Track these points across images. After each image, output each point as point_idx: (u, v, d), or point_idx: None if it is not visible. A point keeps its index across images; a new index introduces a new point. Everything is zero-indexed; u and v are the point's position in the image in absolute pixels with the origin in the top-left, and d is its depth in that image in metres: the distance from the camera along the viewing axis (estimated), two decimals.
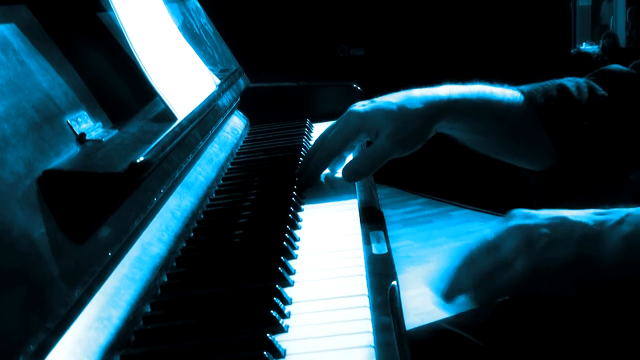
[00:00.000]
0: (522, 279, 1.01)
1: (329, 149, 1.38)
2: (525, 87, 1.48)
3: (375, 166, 1.36)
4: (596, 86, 1.43)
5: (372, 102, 1.40)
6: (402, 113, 1.36)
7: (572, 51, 5.46)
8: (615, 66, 1.48)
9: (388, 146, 1.34)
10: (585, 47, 5.84)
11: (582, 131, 1.39)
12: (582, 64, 5.41)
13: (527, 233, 1.02)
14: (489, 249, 1.05)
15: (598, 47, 5.66)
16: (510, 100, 1.44)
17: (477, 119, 1.43)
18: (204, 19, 2.04)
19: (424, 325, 1.47)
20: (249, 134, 1.95)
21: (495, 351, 1.36)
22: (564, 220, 1.03)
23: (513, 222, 1.06)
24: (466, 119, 1.43)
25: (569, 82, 1.45)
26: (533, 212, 1.07)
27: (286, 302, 0.92)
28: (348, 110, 1.40)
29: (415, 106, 1.37)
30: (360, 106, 1.39)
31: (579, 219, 1.02)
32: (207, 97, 1.42)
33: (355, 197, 1.33)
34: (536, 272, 1.01)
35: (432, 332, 1.43)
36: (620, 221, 1.00)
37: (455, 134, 1.48)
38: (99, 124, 1.06)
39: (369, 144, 1.42)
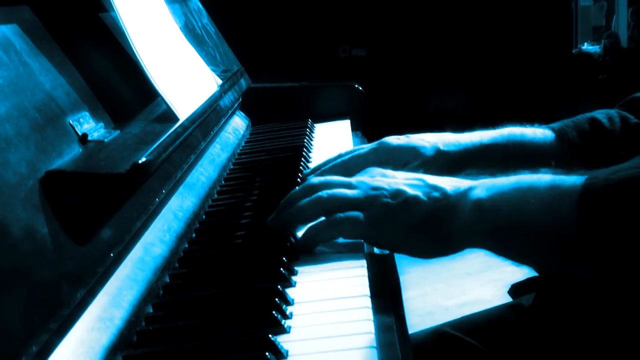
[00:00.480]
0: (369, 225, 1.04)
1: (349, 164, 1.35)
2: (555, 125, 1.46)
3: None
4: (628, 115, 1.41)
5: (407, 137, 1.41)
6: (434, 154, 1.37)
7: (573, 51, 5.45)
8: None
9: None
10: (586, 47, 5.83)
11: (618, 161, 1.39)
12: (583, 64, 5.41)
13: (388, 188, 1.06)
14: (343, 185, 1.10)
15: (599, 47, 5.66)
16: (542, 140, 1.42)
17: (508, 163, 1.39)
18: (205, 19, 2.04)
19: (426, 329, 1.47)
20: (250, 134, 1.95)
21: (497, 355, 1.36)
22: (423, 181, 1.07)
23: (371, 172, 1.12)
24: (498, 163, 1.41)
25: (600, 114, 1.43)
26: (391, 172, 1.12)
27: (288, 302, 0.92)
28: (381, 140, 1.39)
29: (447, 148, 1.38)
30: (394, 139, 1.39)
31: (436, 183, 1.06)
32: (209, 98, 1.42)
33: None
34: (385, 221, 1.04)
35: (434, 336, 1.43)
36: (473, 187, 1.03)
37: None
38: (101, 124, 1.06)
39: None
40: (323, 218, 1.08)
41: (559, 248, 0.95)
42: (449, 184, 1.06)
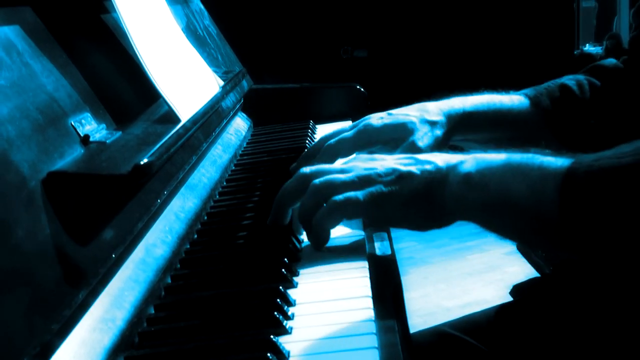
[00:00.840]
0: (366, 204, 1.05)
1: (336, 149, 1.36)
2: (529, 91, 1.51)
3: None
4: (594, 80, 1.48)
5: (390, 114, 1.41)
6: (420, 126, 1.38)
7: (575, 52, 5.45)
8: (609, 61, 1.51)
9: None
10: (588, 48, 5.83)
11: (589, 130, 1.41)
12: (585, 65, 5.41)
13: (380, 168, 1.07)
14: (335, 172, 1.10)
15: (601, 49, 5.66)
16: (519, 107, 1.47)
17: (489, 130, 1.47)
18: (207, 20, 2.04)
19: (426, 329, 1.47)
20: (252, 135, 1.95)
21: (497, 355, 1.36)
22: (414, 158, 1.08)
23: (360, 156, 1.14)
24: (480, 130, 1.47)
25: (570, 80, 1.50)
26: (379, 155, 1.13)
27: (290, 303, 0.92)
28: (364, 122, 1.40)
29: (432, 119, 1.40)
30: (377, 119, 1.39)
31: (427, 159, 1.08)
32: (211, 99, 1.42)
33: None
34: (382, 198, 1.05)
35: (434, 336, 1.43)
36: (462, 161, 1.05)
37: (466, 145, 1.51)
38: (103, 125, 1.06)
39: None
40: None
41: (541, 229, 0.96)
42: (440, 158, 1.07)
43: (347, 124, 2.00)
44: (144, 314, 0.90)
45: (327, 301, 0.93)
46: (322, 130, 2.00)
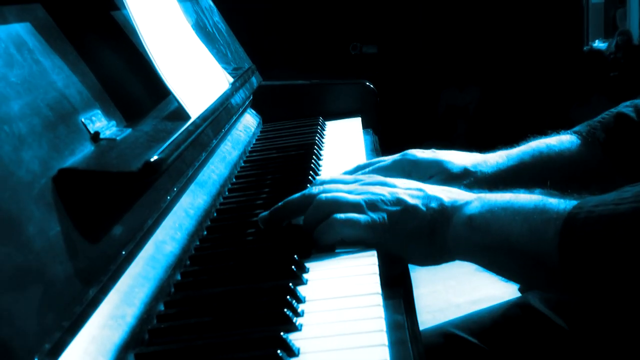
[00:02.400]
0: (367, 230, 1.05)
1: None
2: (581, 128, 1.42)
3: None
4: None
5: (433, 151, 1.38)
6: (461, 172, 1.34)
7: (584, 48, 5.43)
8: None
9: None
10: (597, 44, 5.81)
11: None
12: (594, 61, 5.39)
13: (388, 196, 1.07)
14: (343, 186, 1.12)
15: (609, 45, 5.64)
16: (567, 148, 1.39)
17: (535, 178, 1.33)
18: (216, 17, 2.04)
19: (431, 328, 1.47)
20: (261, 132, 1.95)
21: (500, 355, 1.36)
22: (423, 192, 1.07)
23: (372, 187, 1.11)
24: (525, 182, 1.39)
25: (626, 108, 1.39)
26: (391, 180, 1.12)
27: (300, 300, 0.92)
28: (405, 152, 1.37)
29: (476, 169, 1.35)
30: (419, 152, 1.36)
31: (435, 194, 1.07)
32: (220, 96, 1.43)
33: None
34: (384, 229, 1.05)
35: (437, 335, 1.43)
36: (470, 201, 1.04)
37: None
38: (113, 122, 1.06)
39: None
40: None
41: (542, 272, 0.97)
42: (448, 195, 1.07)
43: (357, 120, 2.00)
44: (153, 310, 0.91)
45: (337, 298, 0.93)
46: (332, 127, 2.00)
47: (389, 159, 1.36)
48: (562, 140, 1.40)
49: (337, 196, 1.08)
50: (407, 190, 1.08)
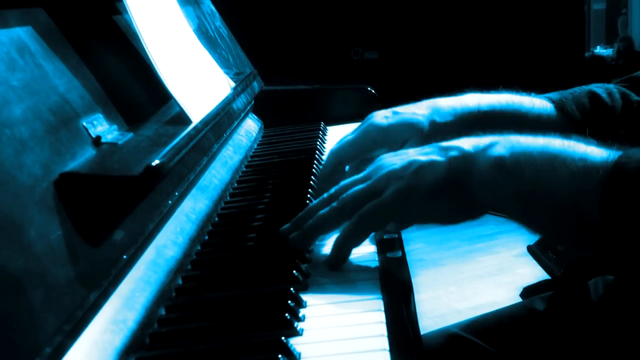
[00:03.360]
0: (391, 204, 0.99)
1: (340, 154, 1.29)
2: (552, 95, 1.41)
3: None
4: (628, 92, 1.36)
5: (395, 113, 1.32)
6: (430, 126, 1.29)
7: (586, 54, 5.44)
8: None
9: None
10: (599, 50, 5.81)
11: (619, 139, 1.34)
12: (596, 68, 5.39)
13: (400, 163, 1.02)
14: (357, 180, 1.06)
15: (613, 51, 5.64)
16: (541, 111, 1.37)
17: (504, 130, 1.38)
18: (218, 22, 2.04)
19: (435, 330, 1.47)
20: (263, 137, 1.95)
21: (506, 357, 1.36)
22: (437, 145, 1.02)
23: (380, 159, 1.07)
24: (494, 131, 1.38)
25: (598, 88, 1.38)
26: (400, 151, 1.07)
27: (301, 305, 0.92)
28: (368, 121, 1.31)
29: (444, 119, 1.31)
30: (382, 118, 1.30)
31: (452, 143, 1.02)
32: (222, 101, 1.43)
33: None
34: (405, 195, 0.99)
35: (443, 337, 1.42)
36: (495, 143, 0.98)
37: None
38: (115, 126, 1.06)
39: None
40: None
41: (579, 226, 0.90)
42: (468, 142, 1.01)
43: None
44: (155, 315, 0.91)
45: (338, 303, 0.93)
46: (333, 132, 2.00)
47: (354, 132, 1.31)
48: (535, 102, 1.37)
49: (352, 191, 1.03)
50: (418, 150, 1.03)
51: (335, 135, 1.96)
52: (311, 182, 1.41)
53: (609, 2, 6.05)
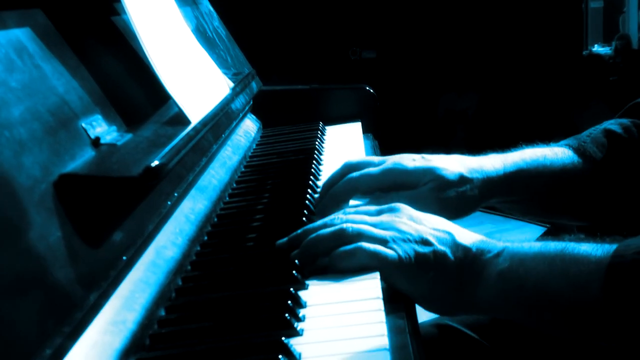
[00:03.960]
0: (396, 269, 0.99)
1: (357, 184, 1.26)
2: (570, 142, 1.41)
3: None
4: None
5: (424, 158, 1.30)
6: (457, 180, 1.27)
7: (584, 53, 5.44)
8: None
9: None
10: (597, 48, 5.82)
11: None
12: (594, 66, 5.39)
13: (416, 235, 1.02)
14: (367, 217, 1.06)
15: (610, 49, 5.65)
16: (564, 160, 1.36)
17: (532, 188, 1.36)
18: (216, 22, 2.04)
19: (428, 321, 1.46)
20: (261, 137, 1.95)
21: (498, 350, 1.36)
22: (452, 237, 1.02)
23: (399, 218, 1.05)
24: (522, 191, 1.36)
25: (612, 125, 1.38)
26: (419, 215, 1.07)
27: (301, 305, 0.92)
28: (395, 162, 1.27)
29: (472, 176, 1.29)
30: (409, 161, 1.28)
31: (464, 243, 1.02)
32: (221, 101, 1.43)
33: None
34: (407, 273, 1.00)
35: (435, 328, 1.42)
36: (498, 254, 0.99)
37: (502, 206, 1.41)
38: (114, 127, 1.06)
39: None
40: None
41: (584, 323, 0.94)
42: (477, 245, 1.02)
43: (357, 125, 2.00)
44: (154, 316, 0.91)
45: (338, 303, 0.93)
46: (332, 132, 2.00)
47: (378, 166, 1.29)
48: (557, 153, 1.38)
49: (363, 229, 1.03)
50: (435, 231, 1.03)
51: (334, 135, 1.96)
52: (310, 182, 1.41)
53: (607, 0, 6.06)
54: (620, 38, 5.47)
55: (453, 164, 1.29)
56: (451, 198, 1.25)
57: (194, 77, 1.40)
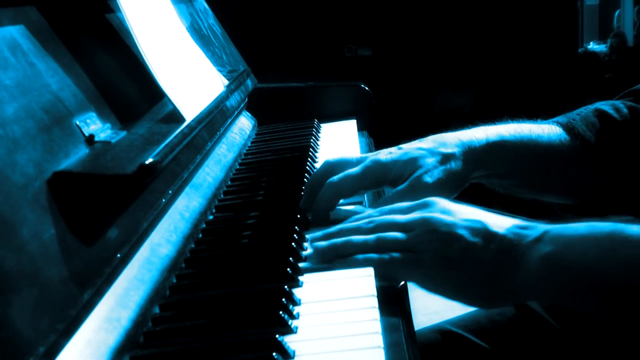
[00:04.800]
0: (427, 273, 0.98)
1: (339, 188, 1.23)
2: (559, 119, 1.38)
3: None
4: (635, 105, 1.34)
5: (400, 148, 1.27)
6: (431, 159, 1.23)
7: (579, 50, 5.44)
8: None
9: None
10: (592, 46, 5.82)
11: (635, 153, 1.29)
12: (589, 63, 5.40)
13: (445, 230, 0.99)
14: (398, 224, 1.03)
15: (606, 47, 5.65)
16: (551, 137, 1.33)
17: (518, 162, 1.32)
18: (211, 19, 2.04)
19: (429, 327, 1.46)
20: (256, 134, 1.95)
21: (500, 354, 1.36)
22: (484, 227, 0.99)
23: (429, 213, 1.03)
24: (507, 163, 1.31)
25: (604, 105, 1.35)
26: (452, 207, 1.04)
27: (295, 303, 0.92)
28: (372, 159, 1.25)
29: (450, 149, 1.25)
30: (385, 154, 1.25)
31: (498, 230, 0.98)
32: (215, 98, 1.43)
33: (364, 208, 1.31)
34: (442, 273, 0.98)
35: (437, 333, 1.42)
36: (539, 239, 0.96)
37: (487, 181, 1.36)
38: (108, 125, 1.06)
39: None
40: None
41: (635, 306, 0.89)
42: (514, 231, 0.98)
43: (352, 122, 2.00)
44: (149, 313, 0.91)
45: (332, 300, 0.93)
46: (327, 129, 2.00)
47: (357, 164, 1.25)
48: (544, 129, 1.34)
49: (393, 236, 1.00)
50: (466, 223, 0.99)
51: (329, 133, 1.96)
52: (305, 179, 1.41)
53: None
54: (616, 36, 5.48)
55: (428, 145, 1.26)
56: (441, 179, 1.21)
57: (188, 74, 1.40)
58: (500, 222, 1.00)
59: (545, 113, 1.56)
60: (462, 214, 1.02)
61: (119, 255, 0.89)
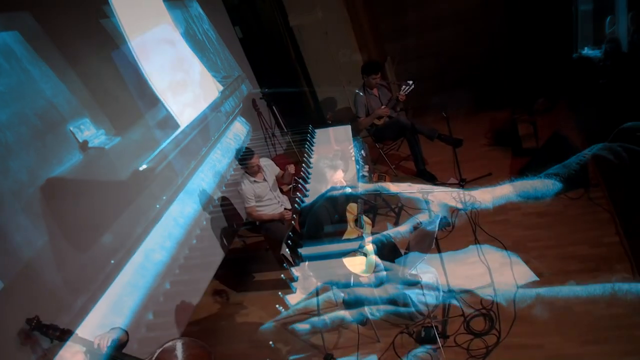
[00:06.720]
0: None
1: None
2: (559, 171, 1.40)
3: None
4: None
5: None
6: None
7: (574, 56, 5.43)
8: None
9: None
10: (587, 51, 5.81)
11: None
12: (583, 69, 5.38)
13: None
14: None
15: (600, 52, 5.63)
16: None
17: None
18: (206, 25, 2.04)
19: None
20: (251, 140, 1.95)
21: None
22: None
23: None
24: None
25: (602, 151, 1.37)
26: None
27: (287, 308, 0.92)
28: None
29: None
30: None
31: None
32: (209, 104, 1.43)
33: None
34: None
35: None
36: None
37: None
38: (102, 131, 1.06)
39: None
40: None
41: None
42: None
43: (347, 127, 2.00)
44: (142, 319, 0.90)
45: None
46: (321, 135, 2.00)
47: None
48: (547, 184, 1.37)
49: None
50: None
51: (324, 137, 1.96)
52: (299, 185, 1.41)
53: (596, 3, 6.05)
54: (610, 41, 5.47)
55: None
56: None
57: (183, 80, 1.40)
58: None
59: (539, 116, 1.55)
60: None
61: (112, 262, 0.89)
